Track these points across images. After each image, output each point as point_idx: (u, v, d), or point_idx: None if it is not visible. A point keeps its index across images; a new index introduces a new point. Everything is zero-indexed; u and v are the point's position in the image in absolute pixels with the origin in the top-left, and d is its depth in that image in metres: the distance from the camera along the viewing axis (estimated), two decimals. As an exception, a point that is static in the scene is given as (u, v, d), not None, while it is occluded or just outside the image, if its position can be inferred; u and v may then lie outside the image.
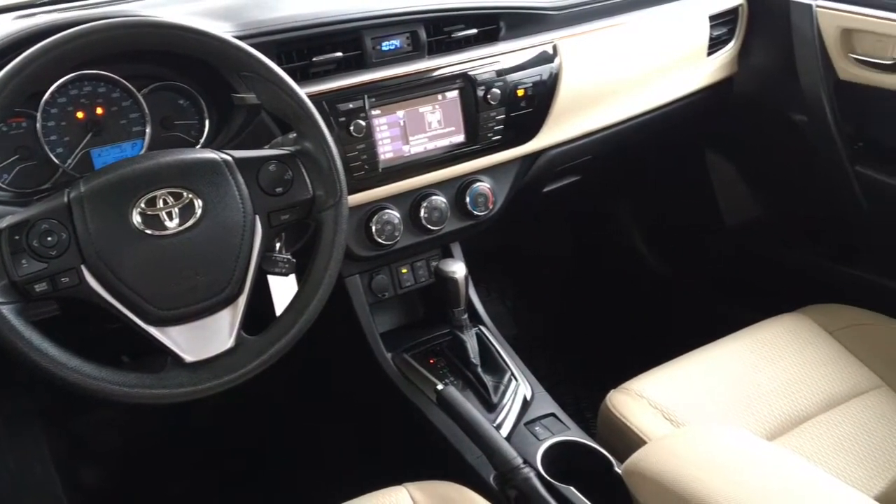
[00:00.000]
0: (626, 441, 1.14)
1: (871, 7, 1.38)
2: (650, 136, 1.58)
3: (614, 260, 2.08)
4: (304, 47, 1.15)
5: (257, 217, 0.92)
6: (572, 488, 1.07)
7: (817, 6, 1.45)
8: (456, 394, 1.16)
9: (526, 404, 1.26)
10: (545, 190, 1.54)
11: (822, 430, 1.16)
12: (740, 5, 1.58)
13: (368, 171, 1.20)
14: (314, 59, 1.14)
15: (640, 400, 1.19)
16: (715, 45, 1.57)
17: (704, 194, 1.84)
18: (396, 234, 1.27)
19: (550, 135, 1.38)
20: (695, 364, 1.27)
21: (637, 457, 0.87)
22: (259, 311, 1.02)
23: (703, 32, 1.52)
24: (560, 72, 1.34)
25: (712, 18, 1.53)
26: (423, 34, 1.24)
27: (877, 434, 1.15)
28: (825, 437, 1.15)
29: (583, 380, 1.72)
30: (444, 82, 1.24)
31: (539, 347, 1.91)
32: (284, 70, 0.97)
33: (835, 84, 1.46)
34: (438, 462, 1.24)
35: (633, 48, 1.44)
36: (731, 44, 1.60)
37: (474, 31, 1.28)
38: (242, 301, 0.92)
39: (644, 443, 1.09)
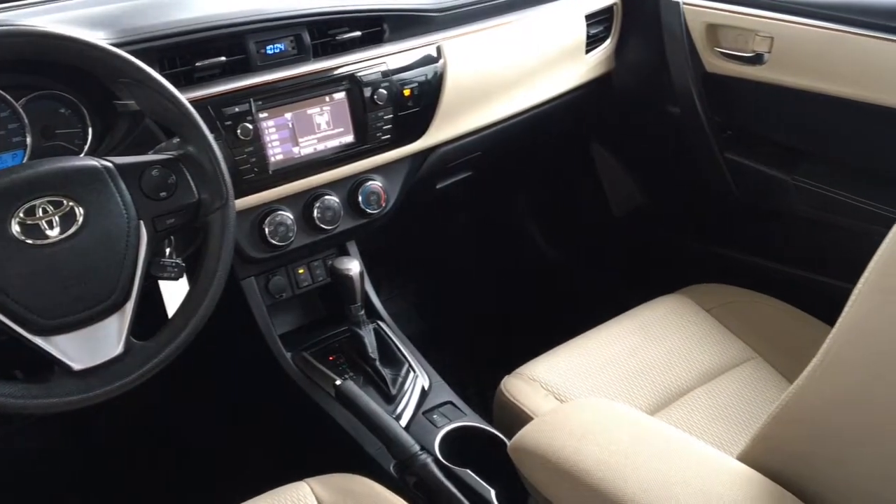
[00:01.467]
0: (520, 423, 1.18)
1: (734, 3, 1.47)
2: (536, 131, 1.64)
3: (513, 251, 2.14)
4: (186, 52, 1.15)
5: (142, 222, 0.93)
6: (469, 471, 1.11)
7: (684, 3, 1.54)
8: (354, 388, 1.19)
9: (424, 394, 1.30)
10: (438, 186, 1.59)
11: (701, 402, 1.23)
12: (615, 4, 1.66)
13: (258, 173, 1.22)
14: (197, 63, 1.15)
15: (533, 383, 1.24)
16: (592, 42, 1.64)
17: (592, 185, 1.92)
18: (290, 234, 1.28)
19: (439, 133, 1.42)
20: (584, 346, 1.32)
21: (521, 434, 0.92)
22: (153, 315, 1.02)
23: (580, 31, 1.59)
24: (445, 72, 1.38)
25: (588, 17, 1.60)
26: (307, 37, 1.26)
27: (750, 402, 1.23)
28: (703, 407, 1.22)
29: (485, 368, 1.77)
30: (331, 84, 1.27)
31: (442, 340, 1.95)
32: (167, 75, 0.98)
33: (703, 77, 1.55)
34: (341, 456, 1.27)
35: (514, 48, 1.49)
36: (608, 41, 1.68)
37: (358, 33, 1.30)
38: (130, 307, 0.93)
39: (535, 422, 1.14)
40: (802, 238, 1.54)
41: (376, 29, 1.33)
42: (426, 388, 1.31)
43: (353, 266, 1.29)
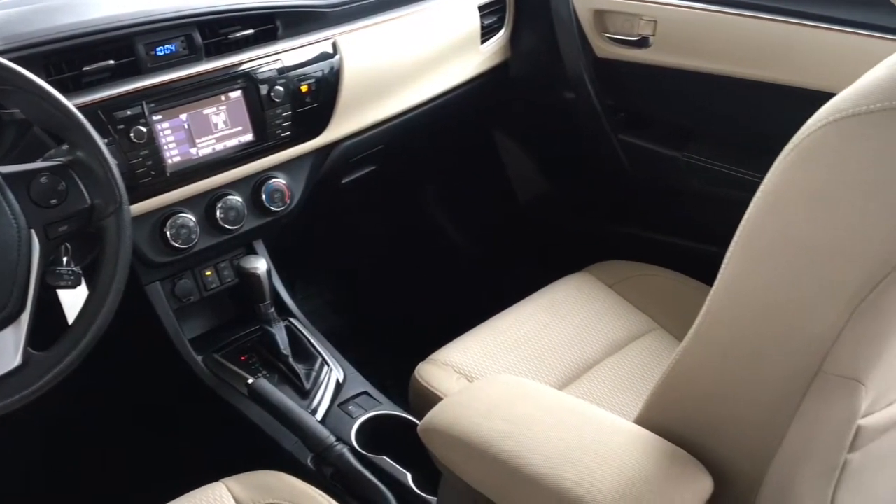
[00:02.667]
0: (434, 406, 1.21)
1: (619, -12, 1.53)
2: (438, 123, 1.67)
3: (424, 242, 2.17)
4: (73, 57, 1.13)
5: (33, 231, 0.91)
6: (385, 458, 1.13)
7: (572, -9, 1.59)
8: (266, 385, 1.19)
9: (339, 387, 1.31)
10: (344, 181, 1.60)
11: (607, 374, 1.28)
12: (507, -6, 1.70)
13: (156, 176, 1.20)
14: (85, 68, 1.13)
15: (446, 367, 1.27)
16: (487, 33, 1.68)
17: (497, 173, 1.97)
18: (193, 236, 1.28)
19: (340, 128, 1.43)
20: (495, 328, 1.36)
21: (430, 415, 0.94)
22: (56, 325, 1.00)
23: (474, 22, 1.63)
24: (342, 67, 1.39)
25: (481, 9, 1.64)
26: (198, 37, 1.25)
27: (652, 370, 1.28)
28: (609, 378, 1.27)
29: (403, 358, 1.80)
30: (226, 83, 1.26)
31: (360, 334, 1.96)
32: (54, 81, 0.96)
33: (594, 62, 1.61)
34: (258, 454, 1.27)
35: (409, 41, 1.51)
36: (502, 31, 1.72)
37: (251, 31, 1.30)
38: (26, 318, 0.91)
39: (447, 405, 1.16)
40: (694, 211, 1.62)
41: (269, 26, 1.33)
42: (341, 380, 1.32)
43: (260, 265, 1.30)
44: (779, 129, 0.70)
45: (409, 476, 1.11)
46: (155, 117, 1.19)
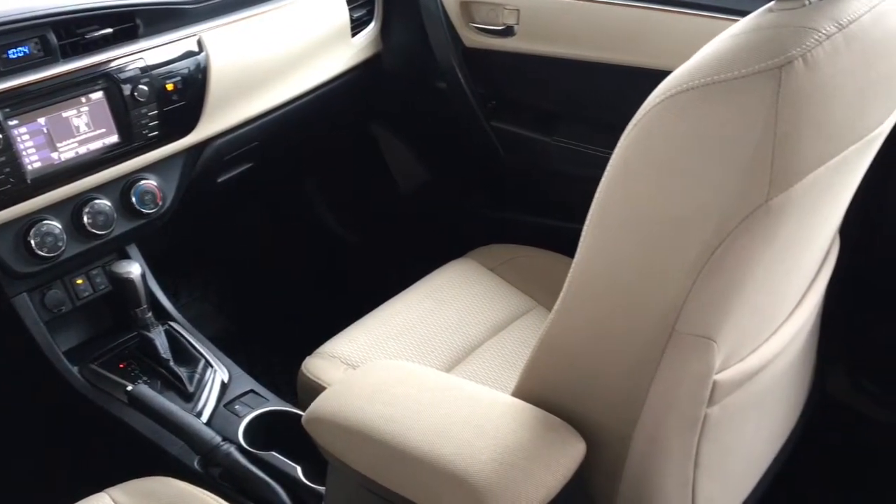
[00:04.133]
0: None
1: (481, -20, 1.57)
2: (314, 117, 1.67)
3: (308, 236, 2.16)
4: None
5: None
6: (274, 453, 1.13)
7: (437, -17, 1.62)
8: (146, 391, 1.17)
9: (224, 387, 1.30)
10: (219, 180, 1.57)
11: (491, 353, 1.32)
12: (375, -13, 1.72)
13: (15, 183, 1.16)
14: (-71, 74, 1.08)
15: (333, 360, 1.27)
16: (357, 26, 1.68)
17: (376, 164, 1.98)
18: (60, 244, 1.23)
19: (210, 126, 1.41)
20: (381, 318, 1.37)
21: (314, 405, 0.95)
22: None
23: (343, 15, 1.63)
24: (208, 64, 1.37)
25: (350, 2, 1.64)
26: (53, 38, 1.20)
27: (533, 346, 1.33)
28: (493, 358, 1.31)
29: (292, 354, 1.80)
30: (85, 84, 1.22)
31: (248, 334, 1.94)
32: None
33: (463, 52, 1.64)
34: (144, 462, 1.24)
35: (278, 35, 1.50)
36: (372, 24, 1.73)
37: (110, 30, 1.26)
38: None
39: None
40: (565, 192, 1.68)
41: (129, 25, 1.30)
42: (226, 380, 1.31)
43: (134, 269, 1.27)
44: (636, 110, 0.75)
45: (298, 469, 1.11)
46: (10, 122, 1.14)
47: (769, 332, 0.93)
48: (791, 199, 0.71)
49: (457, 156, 1.86)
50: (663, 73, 0.73)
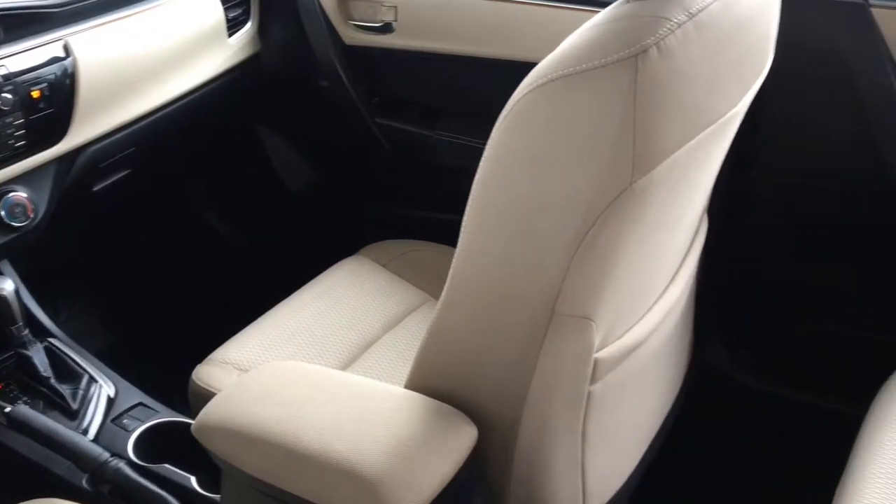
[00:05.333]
0: (207, 404, 1.20)
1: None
2: (194, 120, 1.63)
3: (196, 242, 2.11)
4: None
5: None
6: (166, 465, 1.11)
7: (311, -19, 1.61)
8: (27, 411, 1.12)
9: (111, 402, 1.26)
10: (96, 189, 1.52)
11: (386, 349, 1.32)
12: (251, -14, 1.69)
13: None
14: None
15: (225, 366, 1.25)
16: (234, 26, 1.65)
17: (263, 165, 1.95)
18: (-78, 263, 1.17)
19: (82, 133, 1.36)
20: (273, 320, 1.35)
21: (203, 412, 0.93)
22: None
23: (218, 15, 1.60)
24: (76, 69, 1.32)
25: (224, 1, 1.61)
26: None
27: (428, 339, 1.35)
28: (389, 353, 1.31)
29: (184, 363, 1.76)
30: (-56, 95, 1.16)
31: (137, 346, 1.88)
32: None
33: (343, 49, 1.64)
34: (30, 486, 1.19)
35: (150, 38, 1.46)
36: (249, 24, 1.70)
37: (-32, 37, 1.21)
38: None
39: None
40: (451, 185, 1.70)
41: (-11, 32, 1.24)
42: (112, 395, 1.27)
43: (6, 285, 1.21)
44: None
45: (192, 479, 1.09)
46: None
47: (644, 310, 0.98)
48: (654, 181, 0.75)
49: (343, 154, 1.86)
50: (534, 66, 0.76)
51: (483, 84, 1.49)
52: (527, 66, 0.77)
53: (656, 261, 0.94)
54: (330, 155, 1.91)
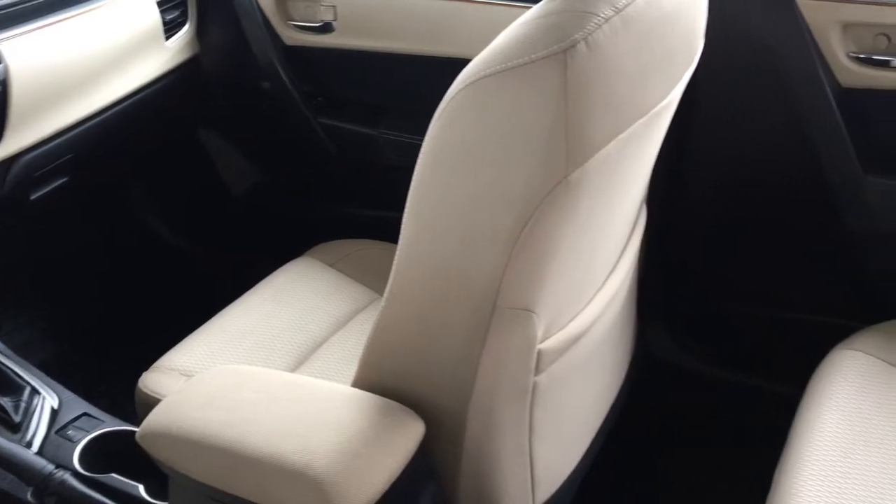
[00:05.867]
0: (151, 411, 1.18)
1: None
2: (134, 124, 1.61)
3: (141, 249, 2.08)
4: None
5: None
6: (113, 475, 1.09)
7: (246, -18, 1.60)
8: (-33, 426, 1.10)
9: (55, 413, 1.23)
10: (33, 197, 1.49)
11: (335, 349, 1.32)
12: (186, -12, 1.67)
13: None
14: None
15: (172, 372, 1.24)
16: (171, 28, 1.64)
17: (207, 169, 1.93)
18: None
19: (16, 141, 1.33)
20: (220, 325, 1.34)
21: (147, 420, 0.92)
22: None
23: (154, 18, 1.58)
24: (8, 75, 1.29)
25: (161, 4, 1.59)
26: None
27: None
28: (338, 353, 1.31)
29: (132, 371, 1.74)
30: None
31: (82, 357, 1.85)
32: None
33: (283, 50, 1.63)
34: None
35: (84, 43, 1.44)
36: (187, 26, 1.68)
37: None
38: None
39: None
40: (396, 183, 1.71)
41: (-87, 39, 1.21)
42: (56, 406, 1.24)
43: (-58, 299, 1.18)
44: None
45: (140, 487, 1.08)
46: None
47: (586, 300, 1.00)
48: (587, 174, 0.76)
49: (288, 155, 1.85)
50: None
51: (424, 82, 1.49)
52: (465, 63, 0.78)
53: (595, 251, 0.95)
54: (274, 156, 1.90)
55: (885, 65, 1.21)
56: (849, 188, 1.29)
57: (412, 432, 0.87)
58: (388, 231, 1.54)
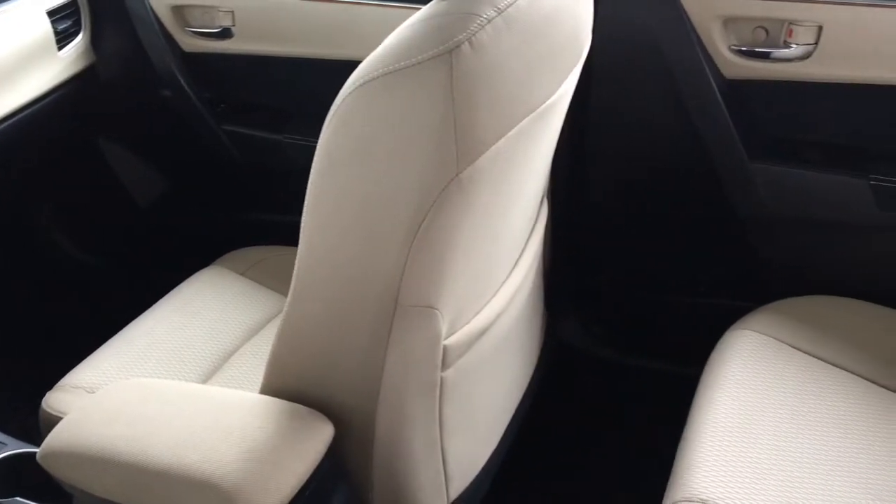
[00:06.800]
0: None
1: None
2: (29, 139, 1.56)
3: (46, 266, 2.02)
4: None
5: None
6: (17, 498, 1.06)
7: (147, -11, 1.57)
8: None
9: (-48, 439, 1.19)
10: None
11: (248, 357, 1.30)
12: (76, -3, 1.63)
13: None
14: None
15: (77, 391, 1.21)
16: (64, 38, 1.59)
17: (111, 181, 1.89)
18: None
19: None
20: (127, 339, 1.31)
21: (48, 440, 0.90)
22: None
23: (44, 28, 1.53)
24: None
25: (51, 14, 1.54)
26: None
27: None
28: (251, 361, 1.30)
29: (41, 391, 1.69)
30: None
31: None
32: None
33: (182, 57, 1.61)
34: None
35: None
36: (81, 35, 1.64)
37: None
38: None
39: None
40: (303, 188, 1.70)
41: None
42: (-47, 432, 1.20)
43: None
44: None
45: (46, 509, 1.05)
46: None
47: (490, 295, 1.02)
48: (479, 170, 0.78)
49: (192, 163, 1.82)
50: (364, 64, 0.78)
51: (324, 84, 1.49)
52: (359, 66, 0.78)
53: (495, 246, 0.97)
54: (178, 165, 1.86)
55: (765, 57, 1.27)
56: (736, 176, 1.35)
57: (320, 434, 0.88)
58: (299, 236, 1.54)
